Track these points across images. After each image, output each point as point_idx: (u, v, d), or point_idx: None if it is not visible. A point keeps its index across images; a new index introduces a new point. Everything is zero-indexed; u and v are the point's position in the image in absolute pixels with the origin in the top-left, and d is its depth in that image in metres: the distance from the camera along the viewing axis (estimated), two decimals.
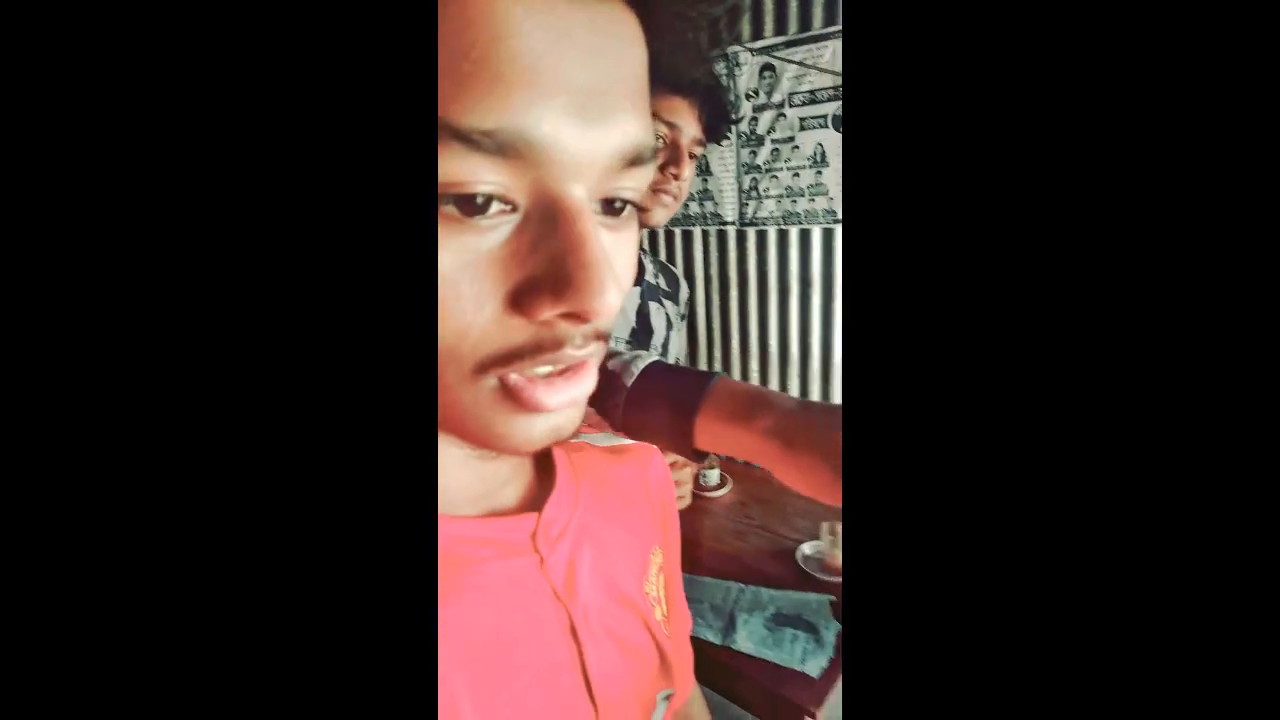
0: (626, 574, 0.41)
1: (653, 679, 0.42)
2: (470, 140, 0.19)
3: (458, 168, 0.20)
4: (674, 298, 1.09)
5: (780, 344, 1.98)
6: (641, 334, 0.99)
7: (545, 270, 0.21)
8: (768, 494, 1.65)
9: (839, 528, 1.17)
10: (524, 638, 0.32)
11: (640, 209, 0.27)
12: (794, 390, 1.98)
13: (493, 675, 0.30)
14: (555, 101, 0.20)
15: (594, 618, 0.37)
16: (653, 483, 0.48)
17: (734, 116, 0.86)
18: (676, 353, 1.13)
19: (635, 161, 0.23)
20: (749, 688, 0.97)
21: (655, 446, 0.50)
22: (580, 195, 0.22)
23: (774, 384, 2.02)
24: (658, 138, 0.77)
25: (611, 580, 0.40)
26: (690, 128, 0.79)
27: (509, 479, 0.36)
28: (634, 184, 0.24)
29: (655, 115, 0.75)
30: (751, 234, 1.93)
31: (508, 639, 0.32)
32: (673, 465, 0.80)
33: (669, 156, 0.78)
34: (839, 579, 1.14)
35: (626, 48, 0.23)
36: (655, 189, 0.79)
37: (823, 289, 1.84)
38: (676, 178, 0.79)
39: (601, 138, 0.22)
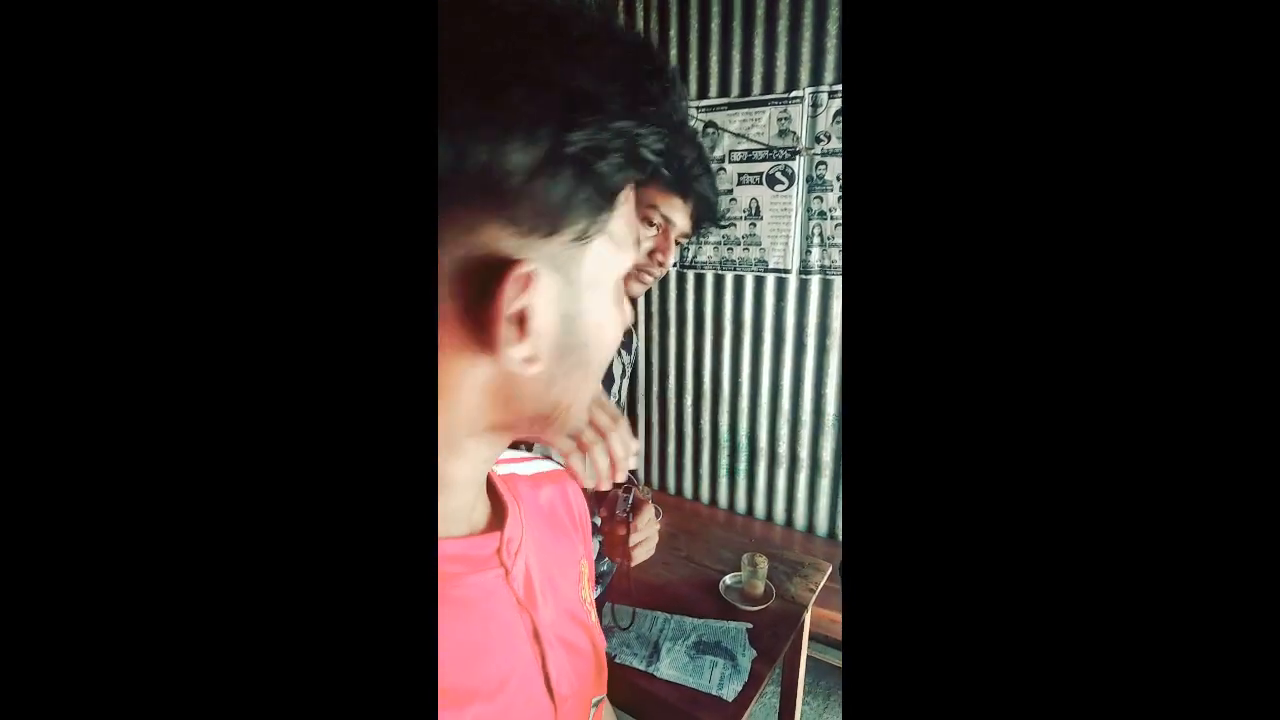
0: (566, 584, 0.46)
1: (594, 681, 0.46)
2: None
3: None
4: (628, 347, 1.15)
5: (713, 379, 2.08)
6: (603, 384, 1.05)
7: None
8: (695, 525, 1.71)
9: (759, 559, 1.25)
10: (501, 643, 0.36)
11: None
12: (723, 421, 2.08)
13: (478, 678, 0.34)
14: None
15: (548, 625, 0.41)
16: (574, 503, 0.55)
17: (721, 220, 0.91)
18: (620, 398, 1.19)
19: None
20: (665, 711, 1.01)
21: (568, 472, 0.58)
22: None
23: (705, 412, 2.11)
24: (652, 225, 0.84)
25: (557, 590, 0.44)
26: (681, 222, 0.87)
27: (474, 504, 0.39)
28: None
29: (653, 207, 0.82)
30: (690, 276, 2.04)
31: (486, 645, 0.35)
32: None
33: (658, 244, 0.86)
34: (758, 608, 1.20)
35: None
36: (640, 269, 0.86)
37: (752, 330, 1.95)
38: (661, 265, 0.87)
39: None
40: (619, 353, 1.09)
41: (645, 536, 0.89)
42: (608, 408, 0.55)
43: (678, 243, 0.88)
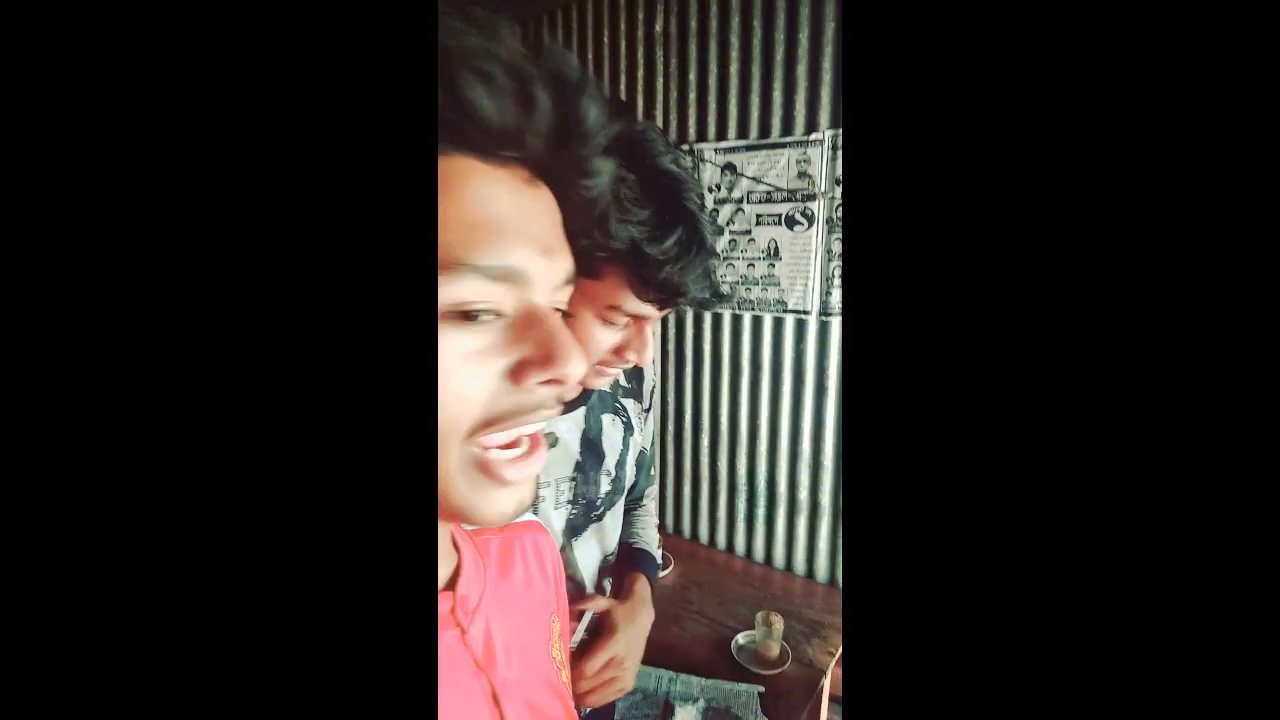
0: (535, 642, 0.44)
1: None
2: (479, 270, 0.27)
3: (466, 291, 0.27)
4: (636, 393, 0.94)
5: (730, 421, 2.03)
6: (589, 462, 0.83)
7: (534, 352, 0.30)
8: (709, 576, 1.63)
9: (774, 618, 1.17)
10: (455, 709, 0.34)
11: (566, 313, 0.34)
12: (741, 465, 2.01)
13: None
14: (530, 247, 0.30)
15: (511, 687, 0.39)
16: (546, 555, 0.53)
17: (713, 299, 0.70)
18: (636, 459, 0.95)
19: (568, 282, 0.34)
20: None
21: (539, 523, 0.54)
22: (546, 302, 0.32)
23: (723, 455, 2.05)
24: (623, 325, 0.66)
25: (524, 649, 0.42)
26: (655, 315, 0.69)
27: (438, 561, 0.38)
28: (565, 297, 0.34)
29: (616, 308, 0.63)
30: (708, 315, 2.01)
31: (444, 711, 0.33)
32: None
33: (626, 340, 0.68)
34: (772, 671, 1.13)
35: (554, 213, 0.34)
36: (602, 365, 0.68)
37: (771, 372, 1.91)
38: (627, 361, 0.69)
39: (553, 266, 0.32)
40: (620, 407, 0.91)
41: (600, 683, 0.73)
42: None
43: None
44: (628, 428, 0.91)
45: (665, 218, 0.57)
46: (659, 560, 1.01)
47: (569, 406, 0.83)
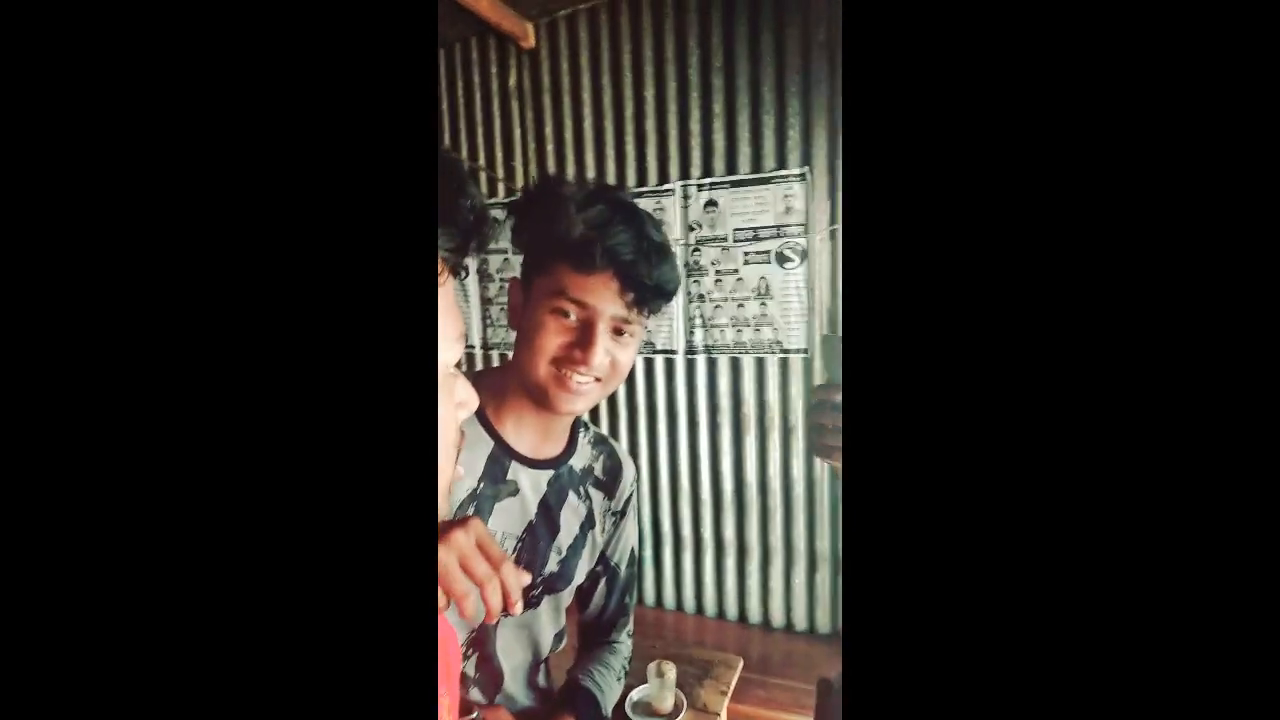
0: None
1: None
2: None
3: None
4: (608, 488, 0.87)
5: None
6: (541, 529, 0.78)
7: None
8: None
9: (665, 667, 1.16)
10: None
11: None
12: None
13: None
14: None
15: None
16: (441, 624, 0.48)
17: (665, 283, 0.69)
18: (605, 565, 0.90)
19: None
20: None
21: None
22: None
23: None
24: (566, 315, 0.66)
25: None
26: (610, 306, 0.66)
27: None
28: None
29: (561, 293, 0.65)
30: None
31: None
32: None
33: (577, 338, 0.65)
34: None
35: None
36: (558, 362, 0.66)
37: (629, 407, 1.94)
38: (575, 361, 0.66)
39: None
40: (586, 492, 0.84)
41: None
42: (492, 546, 0.47)
43: (619, 331, 0.67)
44: (589, 518, 0.84)
45: (592, 194, 0.67)
46: (605, 715, 0.88)
47: (539, 465, 0.78)
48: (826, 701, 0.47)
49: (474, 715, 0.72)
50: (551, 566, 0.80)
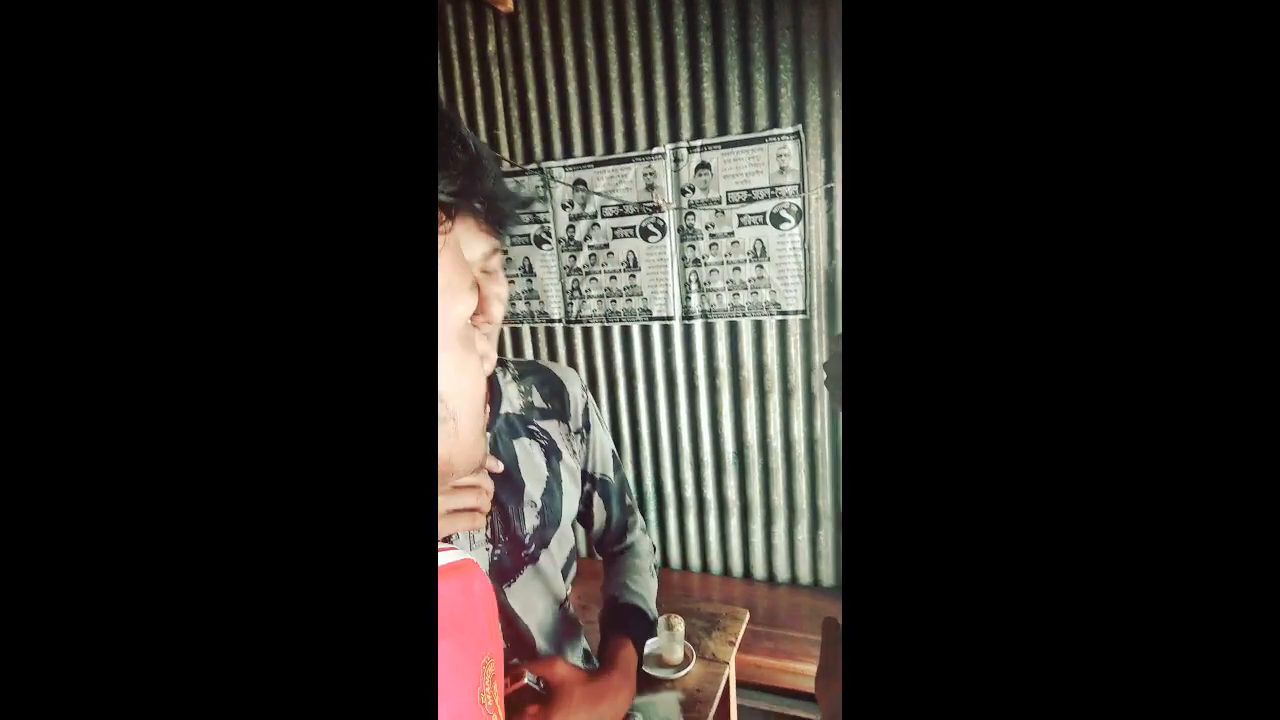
0: (458, 691, 0.42)
1: None
2: None
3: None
4: (560, 414, 0.82)
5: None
6: (505, 496, 0.74)
7: None
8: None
9: (674, 620, 1.20)
10: None
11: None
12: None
13: None
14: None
15: None
16: (479, 594, 0.50)
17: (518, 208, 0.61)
18: (591, 487, 0.86)
19: None
20: None
21: (475, 562, 0.51)
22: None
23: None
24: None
25: (446, 698, 0.39)
26: (478, 243, 0.59)
27: None
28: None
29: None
30: (578, 330, 2.01)
31: None
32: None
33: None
34: (680, 674, 1.15)
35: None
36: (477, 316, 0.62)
37: (625, 376, 1.95)
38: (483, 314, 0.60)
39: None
40: (536, 430, 0.82)
41: None
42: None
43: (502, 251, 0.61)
44: (550, 450, 0.80)
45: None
46: (654, 618, 0.85)
47: None
48: (832, 639, 0.48)
49: (525, 679, 0.67)
50: (532, 520, 0.76)
